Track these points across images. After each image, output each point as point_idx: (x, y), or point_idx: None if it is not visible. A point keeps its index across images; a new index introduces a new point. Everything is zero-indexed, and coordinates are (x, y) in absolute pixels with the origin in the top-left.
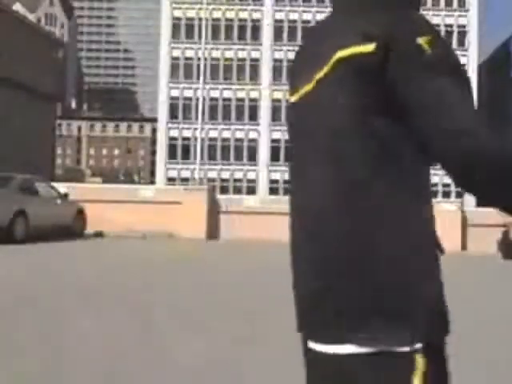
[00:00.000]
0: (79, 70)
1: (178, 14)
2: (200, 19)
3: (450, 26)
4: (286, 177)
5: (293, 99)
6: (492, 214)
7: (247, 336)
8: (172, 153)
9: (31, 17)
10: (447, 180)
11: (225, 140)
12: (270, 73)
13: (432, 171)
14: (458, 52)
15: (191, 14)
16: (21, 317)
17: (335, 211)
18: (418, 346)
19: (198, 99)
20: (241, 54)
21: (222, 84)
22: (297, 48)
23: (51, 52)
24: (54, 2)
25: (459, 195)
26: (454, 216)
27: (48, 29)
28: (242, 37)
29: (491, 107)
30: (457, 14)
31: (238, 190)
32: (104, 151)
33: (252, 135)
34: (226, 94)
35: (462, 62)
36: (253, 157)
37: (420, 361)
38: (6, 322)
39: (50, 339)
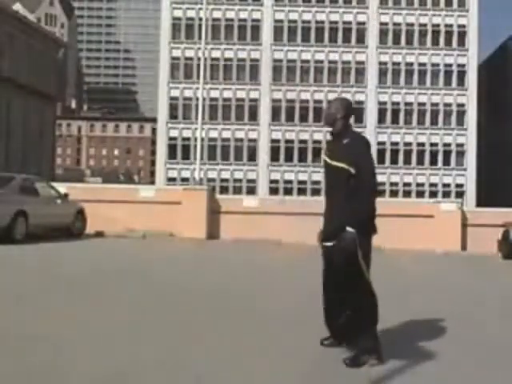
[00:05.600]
0: (79, 70)
1: (177, 14)
2: (200, 19)
3: (450, 25)
4: (286, 177)
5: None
6: (492, 214)
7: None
8: (172, 153)
9: (31, 17)
10: (447, 180)
11: (225, 140)
12: (270, 73)
13: (433, 172)
14: (458, 52)
15: (191, 14)
16: (20, 316)
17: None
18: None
19: (197, 99)
20: (241, 54)
21: (221, 84)
22: (296, 49)
23: (51, 52)
24: (54, 2)
25: (459, 195)
26: (454, 216)
27: (48, 29)
28: (241, 37)
29: (491, 107)
30: (457, 14)
31: (238, 190)
32: (104, 151)
33: (252, 135)
34: (226, 94)
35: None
36: (253, 157)
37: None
38: (5, 321)
39: (49, 339)
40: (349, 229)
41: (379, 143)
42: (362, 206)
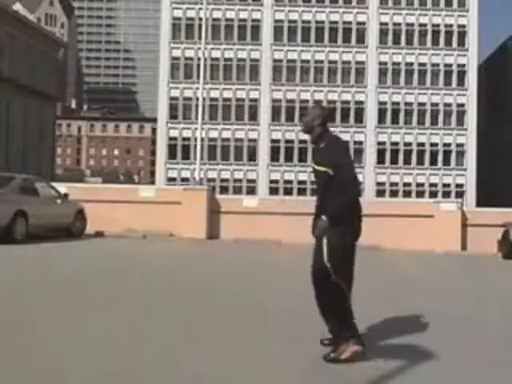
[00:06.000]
0: (79, 70)
1: (177, 14)
2: (200, 19)
3: (450, 25)
4: (286, 177)
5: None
6: (492, 214)
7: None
8: (172, 153)
9: (31, 17)
10: (447, 180)
11: (225, 140)
12: (270, 73)
13: (433, 172)
14: (458, 52)
15: (191, 14)
16: (20, 316)
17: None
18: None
19: (197, 99)
20: (240, 54)
21: (221, 84)
22: (296, 49)
23: (51, 52)
24: (54, 2)
25: (459, 195)
26: (454, 216)
27: (48, 29)
28: (241, 37)
29: (491, 107)
30: (457, 14)
31: (238, 190)
32: (104, 151)
33: (252, 135)
34: (226, 93)
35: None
36: (253, 157)
37: None
38: (5, 321)
39: (49, 339)
40: (323, 217)
41: (379, 143)
42: (338, 201)
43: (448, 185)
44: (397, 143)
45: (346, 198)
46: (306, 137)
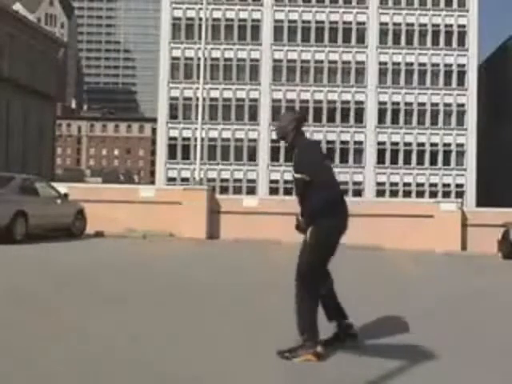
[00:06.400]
0: (79, 70)
1: (177, 14)
2: (200, 19)
3: (450, 25)
4: (286, 177)
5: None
6: (492, 214)
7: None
8: (172, 153)
9: (31, 17)
10: (447, 180)
11: (225, 140)
12: (270, 73)
13: (433, 172)
14: (458, 52)
15: (191, 14)
16: (20, 316)
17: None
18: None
19: (197, 99)
20: (240, 54)
21: (221, 84)
22: (296, 49)
23: (51, 52)
24: (54, 2)
25: (459, 195)
26: (454, 216)
27: (48, 29)
28: (241, 37)
29: (491, 107)
30: (457, 14)
31: (238, 190)
32: (104, 151)
33: (252, 135)
34: (226, 94)
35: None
36: (253, 157)
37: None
38: (5, 321)
39: (49, 339)
40: (299, 217)
41: (379, 143)
42: (317, 201)
43: (448, 185)
44: (397, 143)
45: (324, 198)
46: None
